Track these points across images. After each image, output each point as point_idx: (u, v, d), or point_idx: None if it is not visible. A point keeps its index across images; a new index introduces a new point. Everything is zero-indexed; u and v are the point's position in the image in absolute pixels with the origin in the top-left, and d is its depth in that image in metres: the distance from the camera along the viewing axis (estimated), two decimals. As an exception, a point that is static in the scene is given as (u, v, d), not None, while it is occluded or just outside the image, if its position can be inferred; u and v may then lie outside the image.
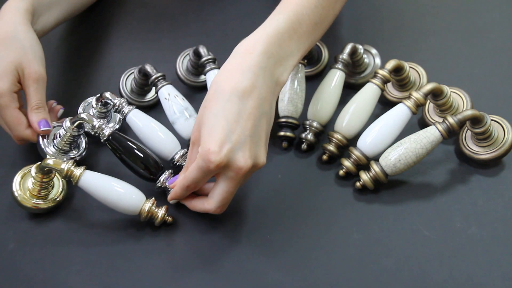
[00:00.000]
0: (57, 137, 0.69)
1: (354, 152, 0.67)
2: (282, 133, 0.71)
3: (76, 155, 0.69)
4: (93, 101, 0.72)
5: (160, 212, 0.63)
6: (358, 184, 0.66)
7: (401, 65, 0.70)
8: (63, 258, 0.63)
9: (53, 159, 0.62)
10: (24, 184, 0.66)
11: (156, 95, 0.75)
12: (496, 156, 0.66)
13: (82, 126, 0.68)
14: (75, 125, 0.67)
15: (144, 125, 0.68)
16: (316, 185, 0.68)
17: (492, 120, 0.67)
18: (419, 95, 0.65)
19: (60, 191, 0.67)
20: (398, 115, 0.65)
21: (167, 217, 0.64)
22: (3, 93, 0.66)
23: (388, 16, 0.86)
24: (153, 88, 0.74)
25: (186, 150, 0.68)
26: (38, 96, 0.68)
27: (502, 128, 0.67)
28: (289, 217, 0.65)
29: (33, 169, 0.64)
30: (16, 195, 0.65)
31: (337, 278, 0.60)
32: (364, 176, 0.66)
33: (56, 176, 0.67)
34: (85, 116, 0.66)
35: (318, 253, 0.62)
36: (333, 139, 0.68)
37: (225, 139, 0.56)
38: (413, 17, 0.86)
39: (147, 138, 0.67)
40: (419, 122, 0.73)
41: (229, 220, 0.65)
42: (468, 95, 0.70)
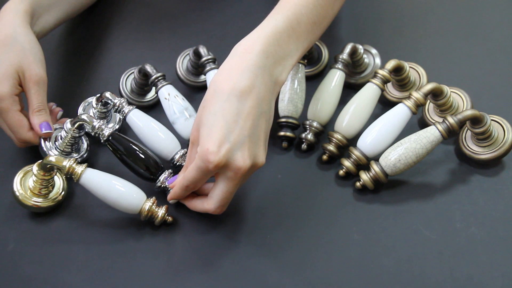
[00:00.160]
0: (58, 139, 0.69)
1: (354, 152, 0.67)
2: (282, 133, 0.71)
3: (77, 157, 0.69)
4: (93, 101, 0.72)
5: (160, 212, 0.63)
6: (358, 184, 0.66)
7: (401, 65, 0.70)
8: (63, 257, 0.63)
9: (55, 156, 0.63)
10: (25, 183, 0.66)
11: (156, 95, 0.75)
12: (496, 156, 0.66)
13: (82, 127, 0.68)
14: (75, 126, 0.67)
15: (144, 125, 0.68)
16: (316, 185, 0.68)
17: (492, 120, 0.67)
18: (419, 95, 0.65)
19: (61, 190, 0.67)
20: (398, 115, 0.65)
21: (167, 217, 0.64)
22: (4, 96, 0.66)
23: (388, 16, 0.86)
24: (153, 88, 0.74)
25: (186, 150, 0.68)
26: (39, 99, 0.68)
27: (502, 128, 0.67)
28: (289, 217, 0.65)
29: (35, 166, 0.64)
30: (17, 194, 0.65)
31: (337, 278, 0.60)
32: (364, 176, 0.65)
33: (57, 175, 0.67)
34: (85, 117, 0.66)
35: (318, 253, 0.62)
36: (333, 139, 0.68)
37: (223, 139, 0.56)
38: (413, 17, 0.86)
39: (147, 138, 0.67)
40: (419, 122, 0.73)
41: (229, 220, 0.65)
42: (468, 95, 0.70)
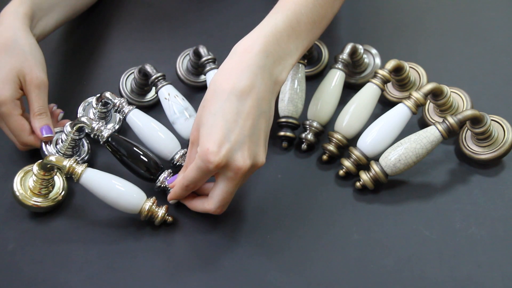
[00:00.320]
0: (59, 142, 0.69)
1: (354, 152, 0.67)
2: (282, 133, 0.70)
3: (79, 160, 0.69)
4: (93, 101, 0.72)
5: (160, 212, 0.63)
6: (358, 184, 0.66)
7: (401, 65, 0.70)
8: (63, 257, 0.63)
9: (55, 156, 0.63)
10: (25, 183, 0.66)
11: (156, 95, 0.75)
12: (496, 156, 0.66)
13: (82, 130, 0.68)
14: (75, 128, 0.67)
15: (144, 125, 0.68)
16: (316, 185, 0.68)
17: (492, 120, 0.67)
18: (419, 95, 0.65)
19: (61, 190, 0.67)
20: (398, 115, 0.65)
21: (167, 217, 0.64)
22: (5, 101, 0.66)
23: (388, 16, 0.86)
24: (153, 88, 0.74)
25: (186, 150, 0.68)
26: (40, 102, 0.68)
27: (502, 128, 0.67)
28: (289, 217, 0.65)
29: (35, 166, 0.64)
30: (18, 194, 0.65)
31: (337, 278, 0.60)
32: (364, 176, 0.65)
33: (57, 175, 0.67)
34: (84, 120, 0.66)
35: (318, 253, 0.62)
36: (333, 139, 0.68)
37: (223, 139, 0.56)
38: (413, 17, 0.86)
39: (147, 138, 0.67)
40: (419, 122, 0.73)
41: (229, 220, 0.65)
42: (468, 95, 0.70)
